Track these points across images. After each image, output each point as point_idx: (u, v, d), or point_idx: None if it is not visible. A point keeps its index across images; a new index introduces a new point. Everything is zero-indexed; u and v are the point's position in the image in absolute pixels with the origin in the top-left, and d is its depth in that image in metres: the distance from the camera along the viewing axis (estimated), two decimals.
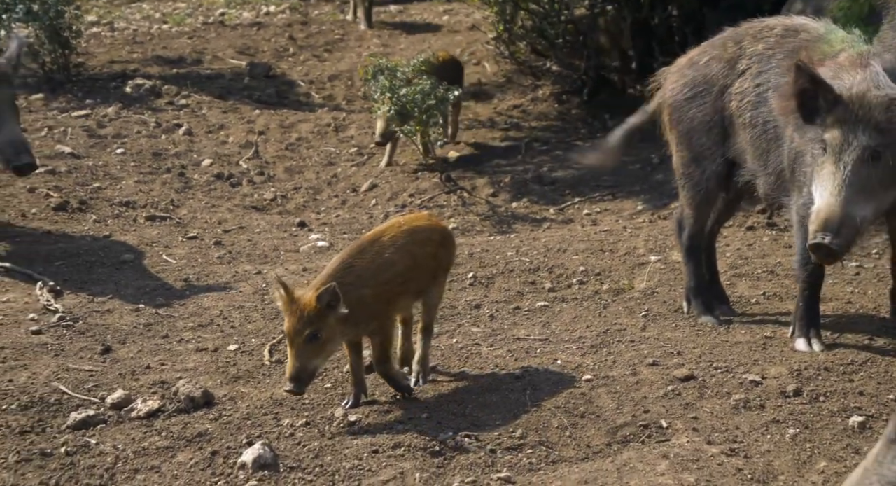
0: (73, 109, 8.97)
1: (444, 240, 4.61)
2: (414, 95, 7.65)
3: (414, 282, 4.46)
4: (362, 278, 4.29)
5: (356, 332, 4.30)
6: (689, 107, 5.23)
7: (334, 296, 4.11)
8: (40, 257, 6.25)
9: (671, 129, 5.37)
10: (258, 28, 11.81)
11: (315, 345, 4.14)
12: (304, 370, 4.14)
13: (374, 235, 4.49)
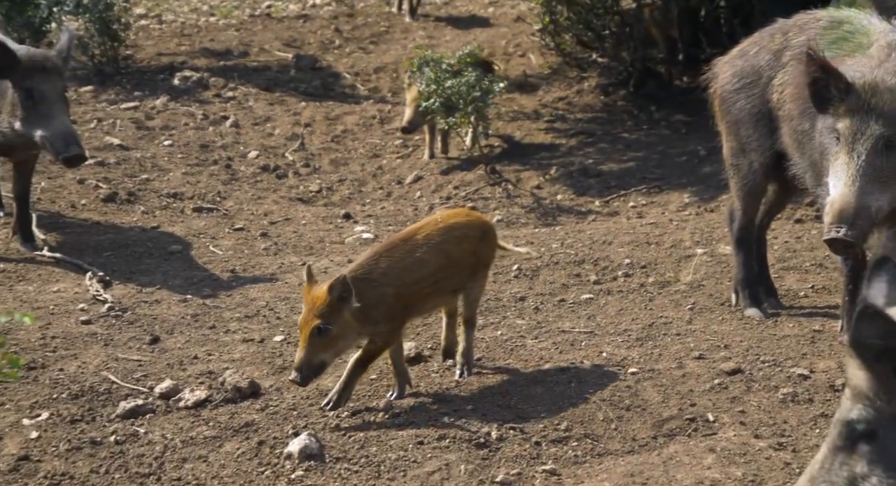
0: (121, 101, 9.06)
1: (483, 236, 4.56)
2: (459, 86, 7.64)
3: (448, 281, 4.41)
4: (387, 276, 4.23)
5: (372, 331, 4.22)
6: (738, 98, 5.20)
7: (346, 288, 4.05)
8: (89, 247, 6.32)
9: (721, 119, 5.35)
10: (304, 20, 11.85)
11: (324, 338, 4.07)
12: (308, 363, 4.08)
13: (408, 233, 4.44)
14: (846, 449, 2.62)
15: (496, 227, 4.80)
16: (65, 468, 3.96)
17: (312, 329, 4.06)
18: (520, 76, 9.77)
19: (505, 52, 10.41)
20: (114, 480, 3.90)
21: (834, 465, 2.63)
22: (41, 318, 5.19)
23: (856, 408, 2.60)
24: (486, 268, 4.64)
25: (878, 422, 2.57)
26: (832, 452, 2.65)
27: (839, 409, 2.64)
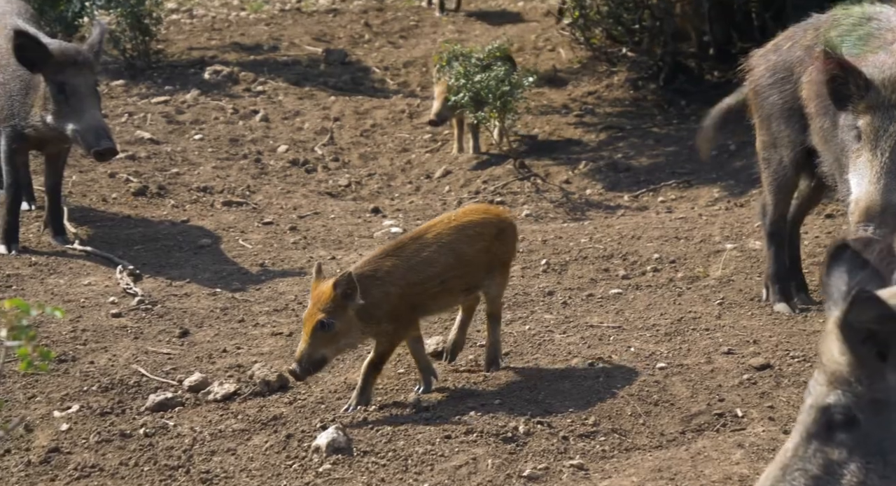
0: (152, 95, 9.11)
1: (500, 233, 4.49)
2: (488, 81, 7.64)
3: (458, 280, 4.36)
4: (392, 276, 4.21)
5: (376, 330, 4.21)
6: (771, 92, 5.17)
7: (350, 285, 4.04)
8: (120, 241, 6.37)
9: (754, 112, 5.33)
10: (334, 15, 11.87)
11: (326, 334, 4.07)
12: (308, 358, 4.07)
13: (419, 232, 4.41)
14: (821, 436, 2.59)
15: (515, 225, 4.67)
16: (94, 460, 4.00)
17: (316, 324, 4.06)
18: (549, 71, 9.74)
19: (535, 46, 10.39)
20: (143, 472, 3.93)
21: (808, 452, 2.60)
22: (72, 311, 5.23)
23: (833, 394, 2.57)
24: (506, 266, 4.57)
25: (858, 407, 2.55)
26: (805, 439, 2.62)
27: (810, 396, 2.62)
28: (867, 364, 2.53)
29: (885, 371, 2.52)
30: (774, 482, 2.62)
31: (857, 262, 2.74)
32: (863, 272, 2.72)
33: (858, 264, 2.74)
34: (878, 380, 2.53)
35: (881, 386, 2.53)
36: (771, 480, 2.63)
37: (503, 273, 4.56)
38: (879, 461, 2.54)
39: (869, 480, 2.54)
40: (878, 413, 2.54)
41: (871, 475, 2.54)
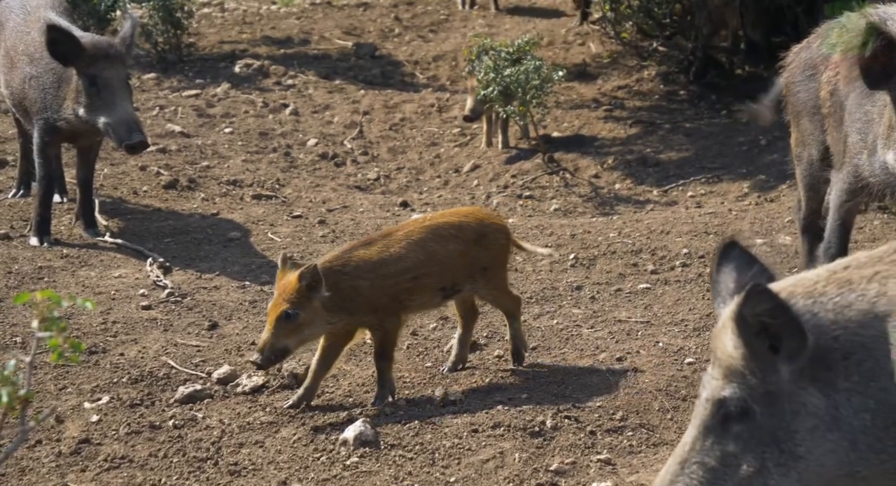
0: (183, 88, 9.15)
1: (481, 239, 4.41)
2: (518, 75, 7.62)
3: (431, 278, 4.31)
4: (360, 269, 4.21)
5: (349, 322, 4.23)
6: (799, 89, 5.17)
7: (315, 276, 4.05)
8: (150, 233, 6.41)
9: (787, 108, 5.33)
10: (364, 9, 11.89)
11: (290, 324, 4.08)
12: (272, 347, 4.08)
13: (391, 229, 4.43)
14: (717, 429, 2.66)
15: (505, 229, 4.55)
16: (124, 451, 4.03)
17: (280, 314, 4.07)
18: (579, 65, 9.72)
19: (565, 40, 10.37)
20: (172, 464, 3.96)
21: (705, 446, 2.67)
22: (103, 303, 5.27)
23: (728, 387, 2.64)
24: (490, 271, 4.45)
25: (752, 399, 2.62)
26: (703, 433, 2.68)
27: (705, 390, 2.68)
28: (760, 357, 2.61)
29: (777, 364, 2.61)
30: (674, 476, 2.69)
31: (745, 259, 2.83)
32: (751, 269, 2.80)
33: (746, 261, 2.82)
34: (771, 372, 2.61)
35: (774, 378, 2.61)
36: (670, 475, 2.70)
37: (488, 278, 4.45)
38: (774, 450, 2.62)
39: (765, 469, 2.62)
40: (772, 405, 2.62)
41: (767, 464, 2.63)
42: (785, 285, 2.72)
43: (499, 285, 4.52)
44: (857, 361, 2.62)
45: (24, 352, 4.60)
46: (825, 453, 2.62)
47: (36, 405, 4.26)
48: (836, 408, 2.62)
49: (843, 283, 2.70)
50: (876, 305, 2.65)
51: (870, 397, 2.63)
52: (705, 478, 2.65)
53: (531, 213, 7.15)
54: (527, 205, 7.31)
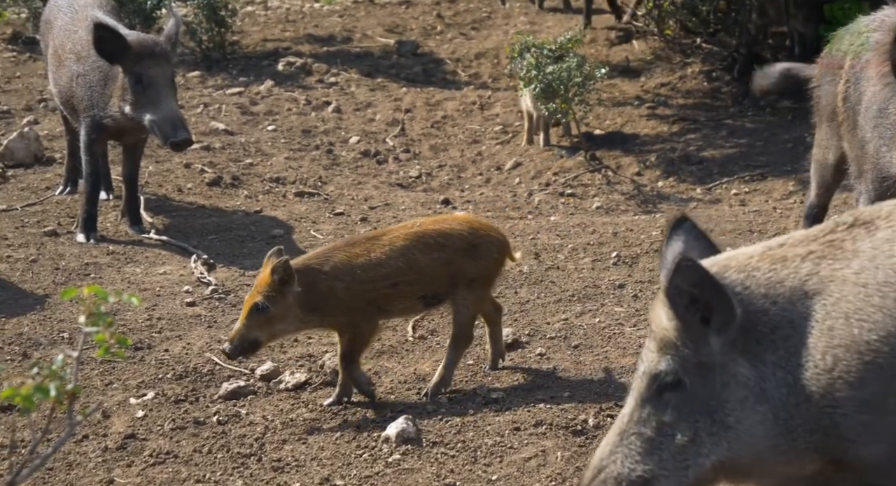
0: (227, 86, 9.21)
1: (469, 249, 4.28)
2: (560, 72, 7.60)
3: (412, 286, 4.24)
4: (338, 270, 4.17)
5: (322, 321, 4.22)
6: (821, 93, 5.19)
7: (287, 271, 4.04)
8: (195, 230, 6.45)
9: (814, 109, 5.35)
10: (407, 6, 11.90)
11: (261, 317, 4.08)
12: (243, 338, 4.08)
13: (376, 233, 4.38)
14: (653, 400, 2.75)
15: (501, 242, 4.42)
16: (169, 446, 4.06)
17: (252, 306, 4.09)
18: (622, 62, 9.68)
19: (607, 38, 10.33)
20: (216, 459, 3.99)
21: (642, 416, 2.76)
22: (148, 299, 5.32)
23: (663, 360, 2.73)
24: (476, 283, 4.32)
25: (685, 371, 2.71)
26: (639, 404, 2.77)
27: (643, 364, 2.77)
28: (692, 328, 2.69)
29: (708, 335, 2.69)
30: (613, 447, 2.79)
31: (694, 233, 2.92)
32: (698, 243, 2.89)
33: (694, 236, 2.91)
34: (703, 344, 2.70)
35: (706, 350, 2.70)
36: (610, 445, 2.80)
37: (473, 290, 4.32)
38: (707, 419, 2.71)
39: (698, 438, 2.72)
40: (704, 375, 2.70)
41: (700, 433, 2.72)
42: (720, 259, 2.79)
43: (475, 303, 4.36)
44: (783, 336, 2.70)
45: (71, 347, 4.65)
46: (754, 424, 2.69)
47: (83, 399, 4.31)
48: (763, 380, 2.70)
49: (776, 259, 2.76)
50: (807, 283, 2.71)
51: (789, 373, 2.70)
52: (643, 448, 2.75)
53: (573, 211, 7.13)
54: (569, 203, 7.30)
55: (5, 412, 4.25)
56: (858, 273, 2.70)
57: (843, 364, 2.67)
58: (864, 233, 2.76)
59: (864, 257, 2.71)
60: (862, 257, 2.71)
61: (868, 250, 2.72)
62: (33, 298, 5.37)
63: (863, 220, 2.81)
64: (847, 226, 2.80)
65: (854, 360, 2.66)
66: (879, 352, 2.66)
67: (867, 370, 2.67)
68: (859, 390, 2.67)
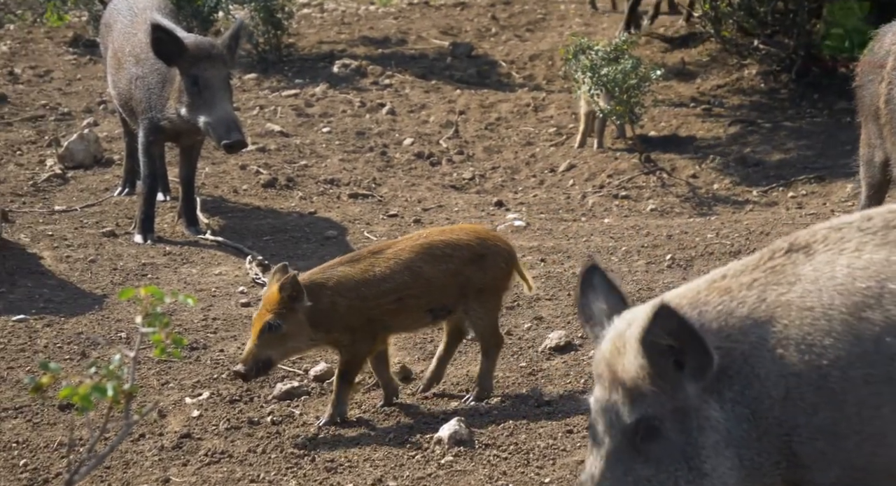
0: (283, 88, 9.27)
1: (477, 258, 4.25)
2: (615, 74, 7.57)
3: (418, 299, 4.19)
4: (341, 286, 4.12)
5: (327, 339, 4.15)
6: (864, 93, 5.14)
7: (295, 287, 3.98)
8: (250, 231, 6.51)
9: (858, 108, 5.30)
10: (462, 8, 11.91)
11: (273, 335, 4.02)
12: (256, 358, 4.02)
13: (378, 247, 4.32)
14: (627, 455, 2.65)
15: (508, 252, 4.39)
16: (224, 446, 4.10)
17: (263, 324, 4.02)
18: (677, 63, 9.61)
19: (663, 39, 10.26)
20: (270, 459, 4.02)
21: (617, 474, 2.65)
22: (203, 300, 5.37)
23: (636, 409, 2.63)
24: (485, 293, 4.29)
25: (660, 418, 2.62)
26: (613, 462, 2.66)
27: (605, 417, 2.65)
28: (667, 375, 2.61)
29: (682, 380, 2.62)
30: None
31: (606, 282, 2.82)
32: (614, 292, 2.81)
33: (608, 285, 2.82)
34: (678, 389, 2.62)
35: (681, 395, 2.63)
36: None
37: (482, 301, 4.28)
38: (684, 467, 2.64)
39: None
40: (680, 421, 2.63)
41: (680, 481, 2.64)
42: (671, 298, 2.74)
43: (490, 312, 4.33)
44: (737, 369, 2.65)
45: (128, 347, 4.71)
46: (726, 471, 2.64)
47: (139, 399, 4.36)
48: (727, 420, 2.65)
49: (723, 291, 2.72)
50: (755, 312, 2.68)
51: (746, 407, 2.65)
52: None
53: (627, 213, 7.10)
54: (623, 205, 7.26)
55: (64, 411, 4.32)
56: (803, 297, 2.68)
57: (795, 392, 2.64)
58: (803, 257, 2.75)
59: (807, 280, 2.70)
60: (804, 281, 2.70)
61: (809, 274, 2.71)
62: (92, 298, 5.44)
63: (799, 245, 2.80)
64: (784, 251, 2.78)
65: (806, 386, 2.64)
66: (830, 376, 2.64)
67: (820, 396, 2.65)
68: (813, 417, 2.65)
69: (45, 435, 4.18)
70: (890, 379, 2.64)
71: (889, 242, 2.74)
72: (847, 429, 2.64)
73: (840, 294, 2.66)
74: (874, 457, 2.66)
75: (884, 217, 2.83)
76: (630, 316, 2.74)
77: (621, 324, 2.73)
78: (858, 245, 2.74)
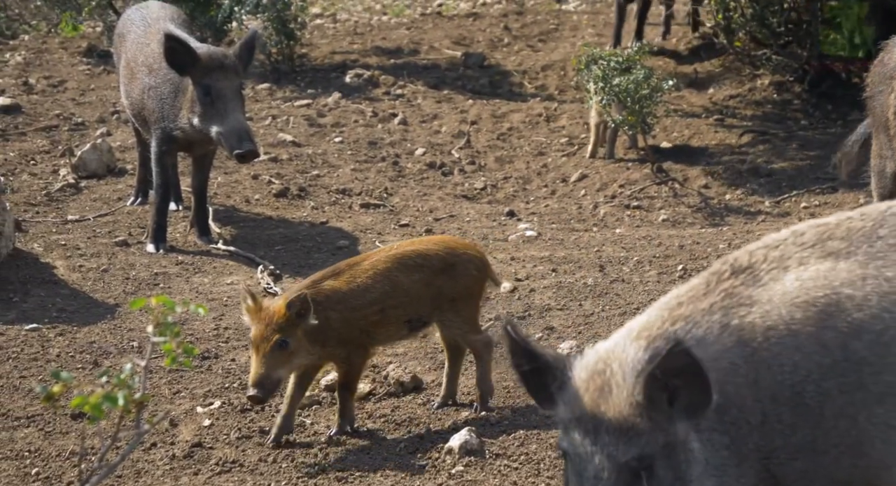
0: (295, 98, 9.30)
1: (447, 268, 4.29)
2: (627, 84, 7.57)
3: (397, 310, 4.22)
4: (330, 300, 4.12)
5: (322, 354, 4.13)
6: (873, 104, 5.13)
7: (304, 305, 3.97)
8: (261, 241, 6.52)
9: (870, 118, 5.30)
10: (474, 19, 11.93)
11: (282, 353, 3.99)
12: (268, 378, 3.99)
13: (354, 260, 4.33)
14: None
15: (480, 260, 4.42)
16: (235, 455, 4.11)
17: (273, 344, 3.98)
18: (690, 74, 9.61)
19: (675, 49, 10.26)
20: (281, 469, 4.02)
21: None
22: (215, 309, 5.38)
23: (632, 448, 2.58)
24: (458, 302, 4.32)
25: (654, 454, 2.58)
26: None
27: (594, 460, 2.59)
28: (660, 411, 2.58)
29: (673, 415, 2.59)
30: None
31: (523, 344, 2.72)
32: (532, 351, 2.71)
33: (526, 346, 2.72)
34: (669, 424, 2.59)
35: (672, 429, 2.60)
36: None
37: (457, 311, 4.32)
38: None
39: None
40: (669, 456, 2.59)
41: None
42: (639, 331, 2.72)
43: (468, 320, 4.35)
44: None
45: (140, 356, 4.72)
46: None
47: (151, 408, 4.37)
48: (704, 449, 2.63)
49: (688, 320, 2.70)
50: (721, 337, 2.66)
51: (724, 434, 2.63)
52: None
53: (639, 223, 7.09)
54: (634, 215, 7.25)
55: (76, 420, 4.33)
56: (765, 318, 2.67)
57: (773, 414, 2.63)
58: (751, 279, 2.76)
59: (763, 300, 2.70)
60: (761, 302, 2.70)
61: (762, 294, 2.71)
62: (104, 307, 5.46)
63: (741, 266, 2.81)
64: (729, 273, 2.79)
65: (783, 407, 2.64)
66: (805, 393, 2.64)
67: (797, 415, 2.64)
68: (791, 437, 2.64)
69: (58, 444, 4.19)
70: (862, 385, 2.65)
71: (829, 253, 2.78)
72: (826, 444, 2.64)
73: (799, 308, 2.67)
74: (854, 469, 2.66)
75: (815, 231, 2.87)
76: (603, 356, 2.68)
77: (595, 365, 2.67)
78: (800, 260, 2.77)
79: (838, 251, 2.78)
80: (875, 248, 2.77)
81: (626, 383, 2.60)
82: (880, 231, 2.81)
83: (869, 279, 2.71)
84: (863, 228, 2.84)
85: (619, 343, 2.70)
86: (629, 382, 2.60)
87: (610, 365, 2.65)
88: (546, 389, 2.69)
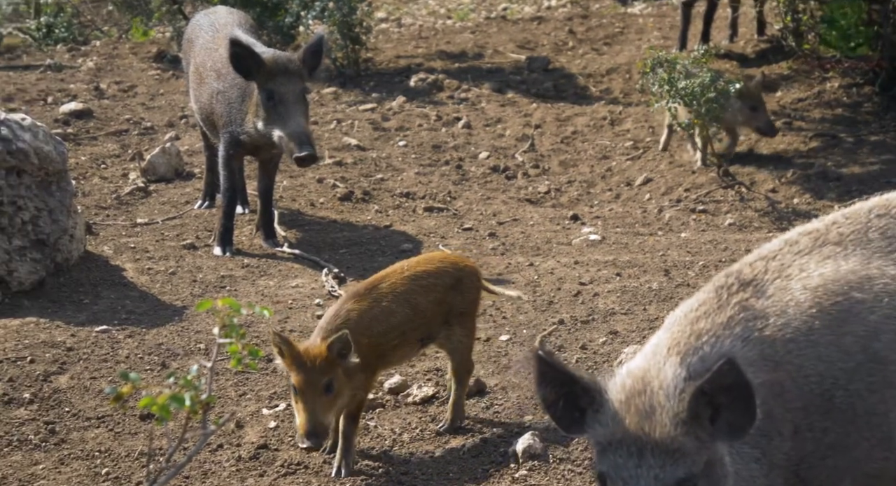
0: (360, 102, 9.35)
1: (456, 284, 4.29)
2: (693, 87, 7.50)
3: (415, 331, 4.19)
4: (359, 326, 4.03)
5: (350, 384, 3.98)
6: None
7: (346, 345, 3.86)
8: (326, 244, 6.56)
9: None
10: (539, 22, 11.91)
11: (330, 397, 3.87)
12: (321, 425, 3.83)
13: (371, 282, 4.24)
14: None
15: (479, 272, 4.46)
16: (300, 457, 4.14)
17: (320, 388, 3.85)
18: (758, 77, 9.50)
19: (743, 51, 10.16)
20: None
21: None
22: (280, 312, 5.42)
23: (679, 468, 2.53)
24: (464, 316, 4.33)
25: (698, 472, 2.54)
26: None
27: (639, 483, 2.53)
28: (703, 428, 2.55)
29: (714, 433, 2.56)
30: None
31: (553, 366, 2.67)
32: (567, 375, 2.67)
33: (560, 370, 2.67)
34: (710, 442, 2.57)
35: (712, 447, 2.58)
36: None
37: (462, 325, 4.32)
38: None
39: None
40: (709, 474, 2.57)
41: None
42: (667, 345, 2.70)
43: (469, 334, 4.35)
44: None
45: (206, 358, 4.78)
46: None
47: (217, 410, 4.42)
48: (734, 463, 2.62)
49: (708, 333, 2.70)
50: (745, 351, 2.65)
51: (755, 446, 2.62)
52: None
53: (704, 227, 7.02)
54: (700, 219, 7.19)
55: (145, 421, 4.39)
56: (783, 330, 2.66)
57: (804, 424, 2.62)
58: (758, 291, 2.76)
59: (777, 312, 2.69)
60: (776, 314, 2.69)
61: (773, 306, 2.70)
62: (172, 309, 5.53)
63: (745, 279, 2.80)
64: (738, 286, 2.79)
65: (814, 415, 2.63)
66: (835, 398, 2.62)
67: (829, 419, 2.63)
68: (823, 439, 2.63)
69: (127, 444, 4.26)
70: (890, 383, 2.65)
71: (828, 257, 2.79)
72: (857, 438, 2.63)
73: (814, 318, 2.67)
74: (885, 462, 2.66)
75: (808, 238, 2.89)
76: (639, 375, 2.65)
77: (632, 385, 2.64)
78: (801, 267, 2.78)
79: (835, 256, 2.81)
80: (870, 249, 2.83)
81: (669, 402, 2.57)
82: (870, 234, 2.89)
83: (875, 280, 2.74)
84: (854, 232, 2.90)
85: (653, 362, 2.68)
86: (672, 400, 2.57)
87: (649, 384, 2.62)
88: (576, 412, 2.66)
